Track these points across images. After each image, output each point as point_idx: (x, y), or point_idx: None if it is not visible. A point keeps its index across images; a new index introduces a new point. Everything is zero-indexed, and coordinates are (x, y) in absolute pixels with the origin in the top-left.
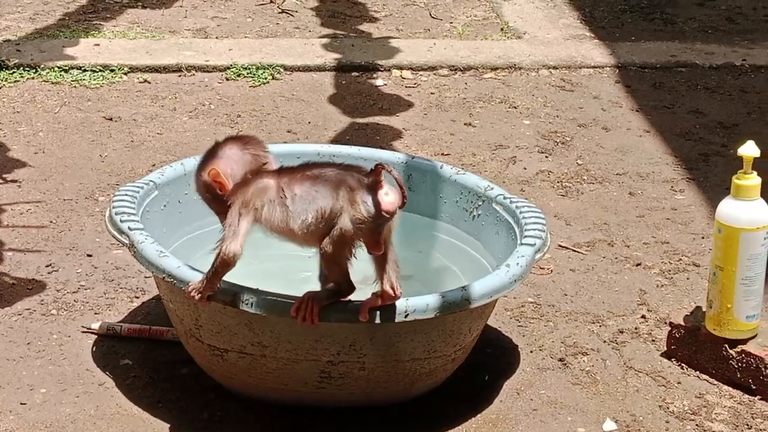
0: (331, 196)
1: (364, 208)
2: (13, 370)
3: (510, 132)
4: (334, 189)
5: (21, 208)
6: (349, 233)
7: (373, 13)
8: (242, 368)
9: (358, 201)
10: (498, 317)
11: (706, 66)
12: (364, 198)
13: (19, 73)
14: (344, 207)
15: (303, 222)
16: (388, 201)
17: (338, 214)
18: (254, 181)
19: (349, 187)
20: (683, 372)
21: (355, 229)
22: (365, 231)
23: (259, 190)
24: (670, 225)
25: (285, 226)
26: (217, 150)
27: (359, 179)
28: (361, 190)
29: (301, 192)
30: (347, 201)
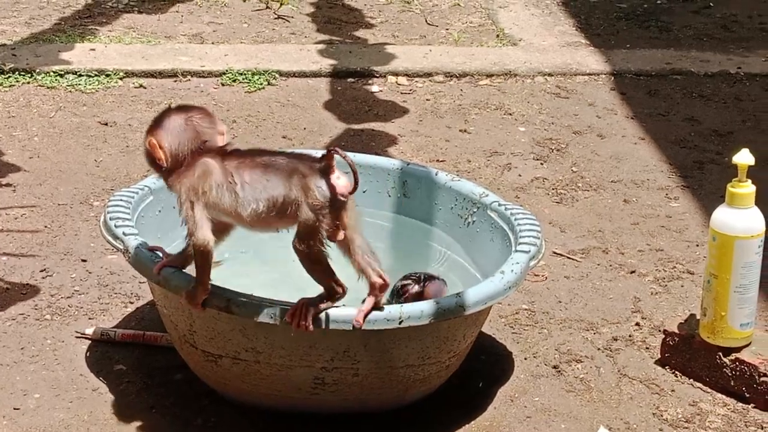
0: (284, 185)
1: (319, 193)
2: (7, 375)
3: (505, 139)
4: (287, 178)
5: (15, 213)
6: (312, 221)
7: (369, 19)
8: (236, 374)
9: (312, 187)
10: (492, 324)
11: (701, 74)
12: (317, 183)
13: (14, 77)
14: (299, 196)
15: (253, 210)
16: (341, 184)
17: (295, 205)
18: (196, 163)
19: (302, 174)
20: (677, 380)
21: (316, 216)
22: (326, 216)
23: (204, 173)
24: (665, 232)
25: (234, 211)
26: (162, 119)
27: (310, 165)
28: (313, 175)
29: (251, 179)
30: (301, 189)
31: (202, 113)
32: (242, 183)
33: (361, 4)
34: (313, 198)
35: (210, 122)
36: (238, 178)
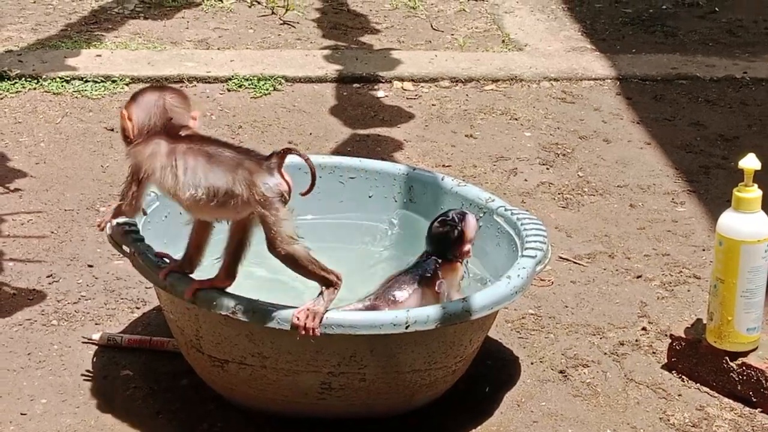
0: (226, 177)
1: (265, 189)
2: (14, 381)
3: (511, 144)
4: (231, 170)
5: (22, 219)
6: (266, 217)
7: (375, 24)
8: (243, 379)
9: (257, 183)
10: (499, 329)
11: (707, 78)
12: (263, 180)
13: (20, 83)
14: (243, 191)
15: (192, 195)
16: (283, 184)
17: (240, 201)
18: (150, 142)
19: (248, 170)
20: (684, 384)
21: (268, 212)
22: (278, 211)
23: (152, 153)
24: (671, 237)
25: (174, 192)
26: (137, 94)
27: (258, 162)
28: (260, 172)
29: (194, 165)
30: (246, 184)
31: (176, 94)
32: (184, 168)
33: (366, 10)
34: (259, 194)
35: (182, 104)
36: (182, 163)
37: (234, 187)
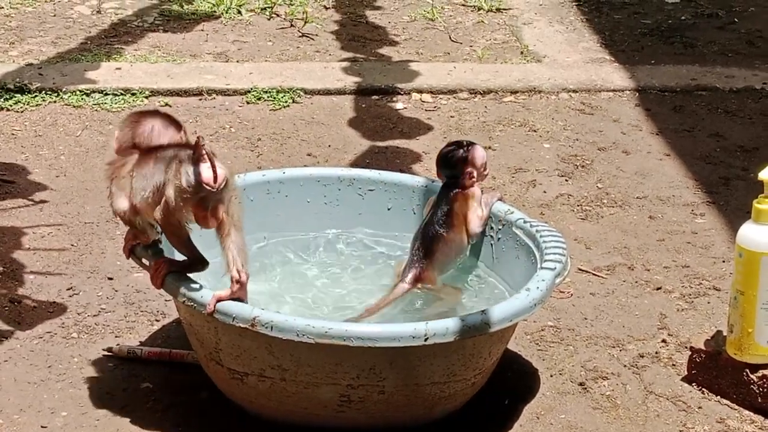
0: (164, 171)
1: (185, 179)
2: (34, 394)
3: (530, 155)
4: (168, 164)
5: (42, 231)
6: (171, 201)
7: (393, 36)
8: (262, 392)
9: (182, 172)
10: (518, 341)
11: (727, 89)
12: (187, 169)
13: (41, 96)
14: (170, 179)
15: (142, 197)
16: (206, 174)
17: (166, 186)
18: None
19: (179, 159)
20: (704, 397)
21: (177, 198)
22: (190, 202)
23: (122, 165)
24: (691, 249)
25: (131, 201)
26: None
27: (189, 153)
28: (186, 162)
29: (145, 171)
30: (173, 173)
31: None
32: (138, 175)
33: (385, 22)
34: (179, 181)
35: (162, 127)
36: (138, 171)
37: (166, 177)
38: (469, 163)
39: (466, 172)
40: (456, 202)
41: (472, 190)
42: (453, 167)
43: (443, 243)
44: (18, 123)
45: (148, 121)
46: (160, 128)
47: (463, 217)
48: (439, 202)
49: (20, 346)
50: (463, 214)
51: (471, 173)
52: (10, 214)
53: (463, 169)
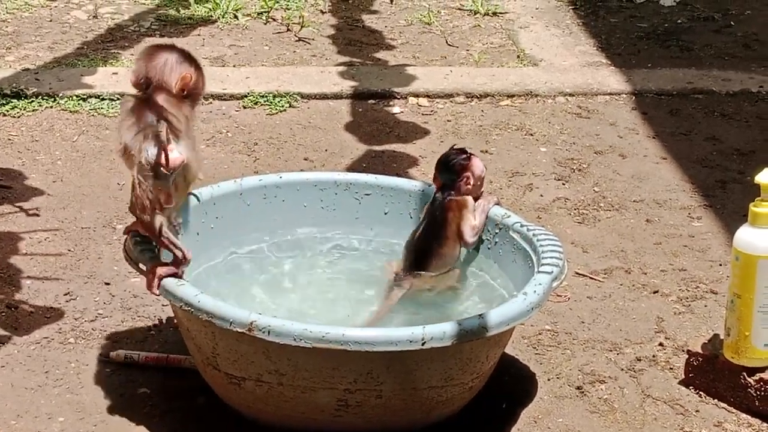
0: (133, 136)
1: (144, 156)
2: (32, 399)
3: (526, 159)
4: (138, 131)
5: (39, 237)
6: (134, 179)
7: (390, 40)
8: (259, 396)
9: (143, 148)
10: (515, 345)
11: (723, 93)
12: (148, 146)
13: (37, 101)
14: (134, 151)
15: (119, 147)
16: (157, 154)
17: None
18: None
19: (146, 134)
20: (701, 400)
21: (137, 177)
22: (146, 180)
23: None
24: (688, 252)
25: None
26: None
27: (155, 130)
28: (150, 139)
29: (132, 120)
30: (138, 146)
31: (175, 54)
32: (128, 119)
33: (381, 26)
34: (140, 157)
35: (176, 62)
36: (129, 115)
37: (131, 144)
38: (468, 170)
39: (463, 176)
40: (450, 211)
41: (466, 199)
42: (452, 171)
43: (436, 257)
44: (14, 128)
45: (163, 54)
46: (173, 63)
47: (456, 228)
48: (433, 210)
49: (17, 351)
50: (456, 224)
51: (468, 179)
52: (7, 219)
53: (461, 173)
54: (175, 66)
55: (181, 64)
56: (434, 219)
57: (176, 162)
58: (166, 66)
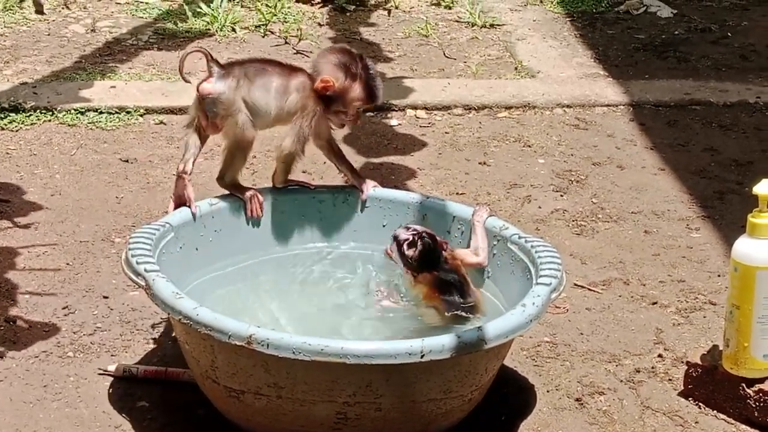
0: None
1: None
2: (30, 413)
3: (525, 171)
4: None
5: (37, 251)
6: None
7: (387, 53)
8: (258, 409)
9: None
10: (514, 357)
11: (721, 104)
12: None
13: (35, 115)
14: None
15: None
16: (201, 83)
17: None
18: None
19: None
20: (701, 411)
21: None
22: (199, 107)
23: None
24: (686, 263)
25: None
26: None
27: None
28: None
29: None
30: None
31: (342, 59)
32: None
33: (379, 38)
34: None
35: (331, 66)
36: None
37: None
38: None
39: (444, 255)
40: (458, 271)
41: (453, 252)
42: (435, 259)
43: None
44: (12, 142)
45: (338, 54)
46: (332, 64)
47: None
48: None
49: (16, 365)
50: (464, 271)
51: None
52: (5, 233)
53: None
54: (331, 68)
55: (336, 70)
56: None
57: (203, 90)
58: (327, 63)
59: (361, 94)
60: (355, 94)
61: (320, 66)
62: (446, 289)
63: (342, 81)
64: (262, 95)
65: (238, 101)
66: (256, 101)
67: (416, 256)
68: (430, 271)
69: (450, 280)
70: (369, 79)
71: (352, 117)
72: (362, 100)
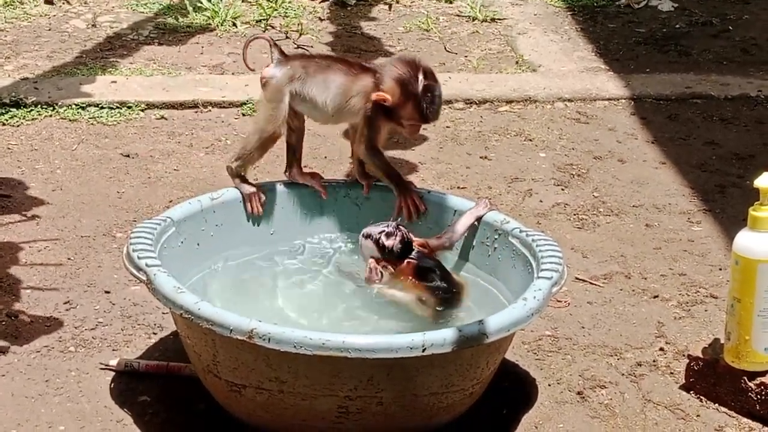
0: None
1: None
2: (32, 408)
3: (526, 165)
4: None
5: (39, 246)
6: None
7: (389, 47)
8: (260, 404)
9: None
10: (515, 351)
11: (722, 97)
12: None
13: (36, 110)
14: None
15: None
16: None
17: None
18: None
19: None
20: (702, 404)
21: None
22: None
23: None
24: (688, 257)
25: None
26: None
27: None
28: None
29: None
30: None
31: (404, 75)
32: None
33: (380, 33)
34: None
35: (392, 82)
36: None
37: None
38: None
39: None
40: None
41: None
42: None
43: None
44: (14, 137)
45: (406, 67)
46: (392, 79)
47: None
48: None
49: (17, 360)
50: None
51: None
52: (7, 228)
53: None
54: (391, 81)
55: (395, 84)
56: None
57: (262, 74)
58: (389, 74)
59: (413, 113)
60: (407, 112)
61: (384, 75)
62: (427, 275)
63: (397, 97)
64: (319, 91)
65: (284, 91)
66: (313, 96)
67: (397, 243)
68: (408, 258)
69: (429, 266)
70: (424, 101)
71: (407, 131)
72: (414, 120)
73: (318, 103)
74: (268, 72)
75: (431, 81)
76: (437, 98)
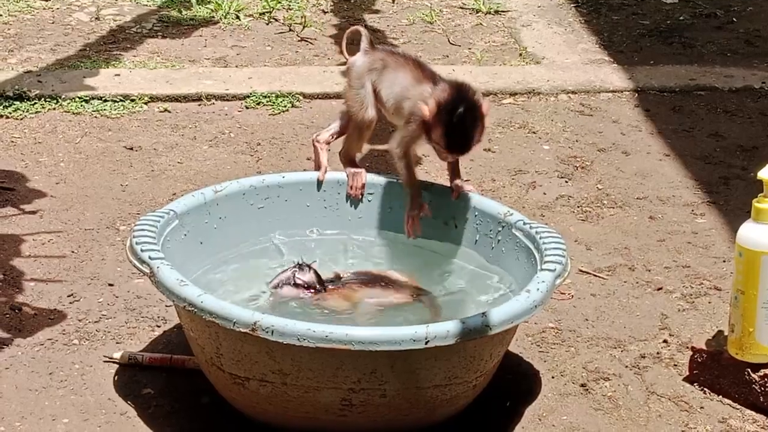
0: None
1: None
2: (36, 401)
3: (529, 157)
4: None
5: (42, 238)
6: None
7: (392, 39)
8: (263, 396)
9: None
10: (519, 343)
11: (726, 89)
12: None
13: (40, 103)
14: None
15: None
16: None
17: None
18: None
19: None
20: (706, 396)
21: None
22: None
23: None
24: (691, 249)
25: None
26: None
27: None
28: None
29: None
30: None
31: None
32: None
33: (384, 25)
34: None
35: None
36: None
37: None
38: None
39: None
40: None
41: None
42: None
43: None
44: (17, 130)
45: (452, 92)
46: (436, 100)
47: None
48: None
49: (21, 353)
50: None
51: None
52: (10, 221)
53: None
54: (434, 101)
55: (435, 105)
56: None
57: (349, 60)
58: (438, 93)
59: (439, 138)
60: (436, 135)
61: (436, 91)
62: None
63: (432, 117)
64: (386, 87)
65: (364, 80)
66: (381, 90)
67: (312, 275)
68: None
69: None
70: (452, 132)
71: (436, 152)
72: (440, 145)
73: (383, 97)
74: (352, 59)
75: (469, 116)
76: (466, 135)
